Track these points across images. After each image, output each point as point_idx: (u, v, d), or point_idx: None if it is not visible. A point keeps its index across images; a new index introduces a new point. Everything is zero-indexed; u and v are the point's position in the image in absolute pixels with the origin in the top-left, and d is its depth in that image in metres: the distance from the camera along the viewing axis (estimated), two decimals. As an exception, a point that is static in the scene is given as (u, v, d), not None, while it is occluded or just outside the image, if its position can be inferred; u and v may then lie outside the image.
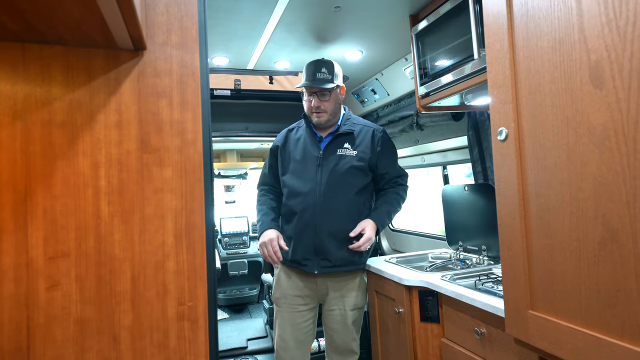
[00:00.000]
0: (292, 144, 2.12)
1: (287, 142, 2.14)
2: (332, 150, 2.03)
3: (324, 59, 2.07)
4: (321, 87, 1.98)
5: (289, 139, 2.14)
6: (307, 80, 2.02)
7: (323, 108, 2.02)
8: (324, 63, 2.04)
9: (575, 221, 0.95)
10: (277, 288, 2.10)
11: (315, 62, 2.04)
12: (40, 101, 0.86)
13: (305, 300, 2.04)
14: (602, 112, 0.88)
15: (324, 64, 2.03)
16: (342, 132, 2.04)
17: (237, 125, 3.26)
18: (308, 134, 2.09)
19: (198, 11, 0.99)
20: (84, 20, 0.75)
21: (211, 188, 1.00)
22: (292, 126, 2.21)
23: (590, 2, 0.89)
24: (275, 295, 2.10)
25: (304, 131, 2.12)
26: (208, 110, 1.00)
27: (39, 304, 0.85)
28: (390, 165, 2.09)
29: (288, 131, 2.18)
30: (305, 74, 2.04)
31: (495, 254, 2.05)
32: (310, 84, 1.99)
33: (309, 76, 2.01)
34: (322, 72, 2.00)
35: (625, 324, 0.86)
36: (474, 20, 1.54)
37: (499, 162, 1.16)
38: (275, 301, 2.11)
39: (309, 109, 2.06)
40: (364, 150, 2.03)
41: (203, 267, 0.97)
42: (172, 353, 0.94)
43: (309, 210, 1.96)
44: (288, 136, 2.15)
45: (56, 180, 0.87)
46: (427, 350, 1.83)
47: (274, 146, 2.17)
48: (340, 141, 2.04)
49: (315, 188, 1.97)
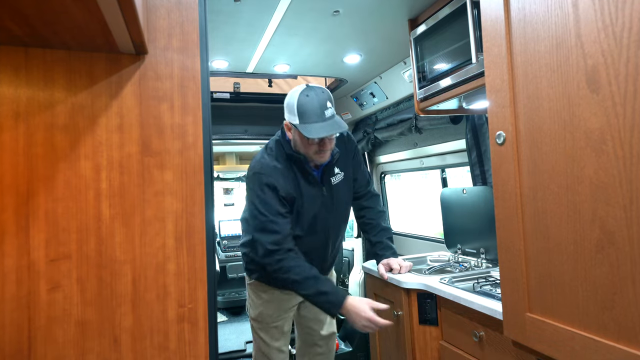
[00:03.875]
0: (286, 181, 1.72)
1: (280, 178, 1.71)
2: (328, 181, 1.82)
3: (321, 89, 1.68)
4: (340, 131, 1.66)
5: (279, 174, 1.71)
6: (314, 121, 1.61)
7: (330, 147, 1.72)
8: (326, 95, 1.67)
9: (573, 224, 0.96)
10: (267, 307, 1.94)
11: (316, 97, 1.63)
12: (42, 104, 0.87)
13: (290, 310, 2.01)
14: (598, 117, 0.89)
15: (327, 97, 1.67)
16: (334, 157, 1.79)
17: (236, 128, 3.26)
18: (298, 169, 1.76)
19: (199, 15, 1.00)
20: (87, 25, 0.75)
21: (211, 191, 1.01)
22: (264, 156, 1.76)
23: (587, 8, 0.90)
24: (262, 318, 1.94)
25: (291, 165, 1.75)
26: (208, 113, 1.01)
27: (40, 306, 0.85)
28: (361, 172, 2.02)
29: (272, 166, 1.72)
30: (307, 114, 1.62)
31: (493, 257, 2.06)
32: (328, 131, 1.61)
33: (316, 116, 1.61)
34: (328, 107, 1.64)
35: (622, 327, 0.86)
36: (472, 24, 1.55)
37: (496, 165, 1.17)
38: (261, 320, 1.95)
39: (308, 150, 1.70)
40: (347, 167, 1.88)
41: (203, 269, 0.98)
42: (172, 355, 0.94)
43: (316, 251, 1.87)
44: (275, 170, 1.71)
45: (58, 182, 0.87)
46: (425, 353, 1.83)
47: (271, 184, 1.68)
48: (330, 168, 1.83)
49: (324, 232, 1.86)
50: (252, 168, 1.77)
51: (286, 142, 1.77)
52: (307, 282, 1.64)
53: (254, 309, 1.96)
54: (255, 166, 1.75)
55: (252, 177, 1.75)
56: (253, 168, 1.76)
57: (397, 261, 1.98)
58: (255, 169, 1.74)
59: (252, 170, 1.76)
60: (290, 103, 1.67)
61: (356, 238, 3.50)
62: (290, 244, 1.68)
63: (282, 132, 1.81)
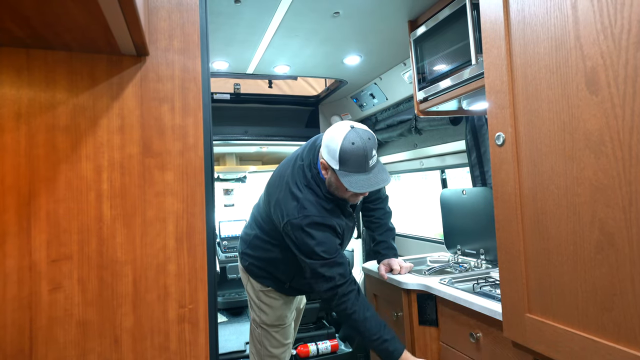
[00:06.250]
0: (332, 218, 1.67)
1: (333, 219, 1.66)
2: (355, 207, 1.86)
3: (367, 135, 1.55)
4: (385, 185, 1.58)
5: (332, 215, 1.66)
6: (356, 171, 1.53)
7: (366, 193, 1.67)
8: (372, 143, 1.55)
9: (572, 225, 0.96)
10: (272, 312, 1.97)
11: (362, 146, 1.51)
12: (44, 106, 0.87)
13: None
14: (597, 118, 0.89)
15: (373, 145, 1.55)
16: None
17: (237, 129, 3.27)
18: (335, 204, 1.69)
19: (200, 17, 1.00)
20: (89, 27, 0.76)
21: (212, 192, 1.01)
22: (307, 196, 1.64)
23: (586, 10, 0.91)
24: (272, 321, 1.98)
25: (328, 199, 1.67)
26: (209, 114, 1.01)
27: (41, 306, 0.86)
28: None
29: (320, 208, 1.64)
30: (350, 163, 1.52)
31: (493, 258, 2.06)
32: (371, 186, 1.54)
33: (359, 166, 1.52)
34: (373, 156, 1.54)
35: (621, 327, 0.87)
36: (471, 26, 1.55)
37: (496, 167, 1.18)
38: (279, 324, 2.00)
39: (344, 195, 1.65)
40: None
41: (204, 270, 0.98)
42: (172, 355, 0.95)
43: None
44: (330, 212, 1.66)
45: (59, 183, 0.88)
46: (425, 354, 1.83)
47: (331, 227, 1.64)
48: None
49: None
50: (307, 216, 1.61)
51: (322, 182, 1.67)
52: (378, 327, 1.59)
53: (274, 311, 1.96)
54: (311, 211, 1.62)
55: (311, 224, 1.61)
56: (309, 216, 1.61)
57: (398, 262, 1.99)
58: (312, 214, 1.62)
59: (310, 218, 1.61)
60: (332, 148, 1.54)
61: (356, 239, 3.51)
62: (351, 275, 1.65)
63: (316, 167, 1.70)
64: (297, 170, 1.72)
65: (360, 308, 1.59)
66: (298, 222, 1.60)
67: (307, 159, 1.74)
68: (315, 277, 1.63)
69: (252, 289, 2.00)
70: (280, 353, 2.01)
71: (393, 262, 1.99)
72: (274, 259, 1.87)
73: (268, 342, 1.98)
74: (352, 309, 1.59)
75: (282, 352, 2.02)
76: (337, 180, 1.58)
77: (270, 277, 1.92)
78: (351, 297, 1.60)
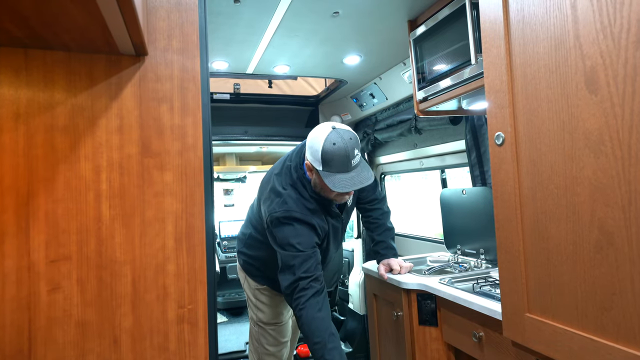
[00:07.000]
0: (321, 221, 1.71)
1: (315, 219, 1.68)
2: (344, 207, 1.84)
3: (349, 135, 1.56)
4: (368, 183, 1.57)
5: (313, 215, 1.68)
6: (338, 170, 1.54)
7: (352, 193, 1.73)
8: (353, 143, 1.55)
9: (572, 225, 0.96)
10: (268, 310, 2.01)
11: (343, 146, 1.52)
12: (42, 106, 0.87)
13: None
14: (597, 117, 0.89)
15: (355, 144, 1.56)
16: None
17: (236, 129, 3.27)
18: (319, 202, 1.72)
19: (199, 17, 1.00)
20: (87, 27, 0.76)
21: (211, 192, 1.01)
22: (290, 193, 1.67)
23: (585, 9, 0.90)
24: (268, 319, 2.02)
25: (313, 199, 1.70)
26: (208, 114, 1.01)
27: (40, 307, 0.86)
28: (371, 187, 2.04)
29: (302, 206, 1.66)
30: (332, 163, 1.53)
31: (493, 257, 2.06)
32: (353, 185, 1.54)
33: (342, 165, 1.53)
34: (355, 155, 1.55)
35: (620, 327, 0.87)
36: (471, 25, 1.55)
37: (496, 166, 1.17)
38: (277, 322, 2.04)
39: (329, 195, 1.66)
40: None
41: (203, 270, 0.98)
42: (172, 356, 0.95)
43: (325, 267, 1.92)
44: (312, 212, 1.68)
45: (58, 184, 0.87)
46: (425, 354, 1.83)
47: (310, 224, 1.66)
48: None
49: (333, 249, 1.90)
50: (287, 210, 1.64)
51: (307, 182, 1.70)
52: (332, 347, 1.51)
53: (270, 309, 2.00)
54: (291, 206, 1.64)
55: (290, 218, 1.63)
56: (289, 211, 1.64)
57: (398, 262, 1.99)
58: (292, 209, 1.64)
59: (290, 213, 1.63)
60: (314, 148, 1.56)
61: (356, 239, 3.50)
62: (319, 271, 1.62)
63: (302, 167, 1.73)
64: (285, 171, 1.75)
65: (312, 307, 1.52)
66: (278, 216, 1.63)
67: (295, 160, 1.77)
68: (283, 271, 1.61)
69: (249, 287, 2.04)
70: (277, 351, 2.02)
71: (393, 262, 1.99)
72: (266, 257, 1.89)
73: (265, 339, 2.02)
74: (304, 305, 1.53)
75: (279, 350, 2.03)
76: (321, 180, 1.59)
77: (265, 275, 1.96)
78: (308, 293, 1.54)
